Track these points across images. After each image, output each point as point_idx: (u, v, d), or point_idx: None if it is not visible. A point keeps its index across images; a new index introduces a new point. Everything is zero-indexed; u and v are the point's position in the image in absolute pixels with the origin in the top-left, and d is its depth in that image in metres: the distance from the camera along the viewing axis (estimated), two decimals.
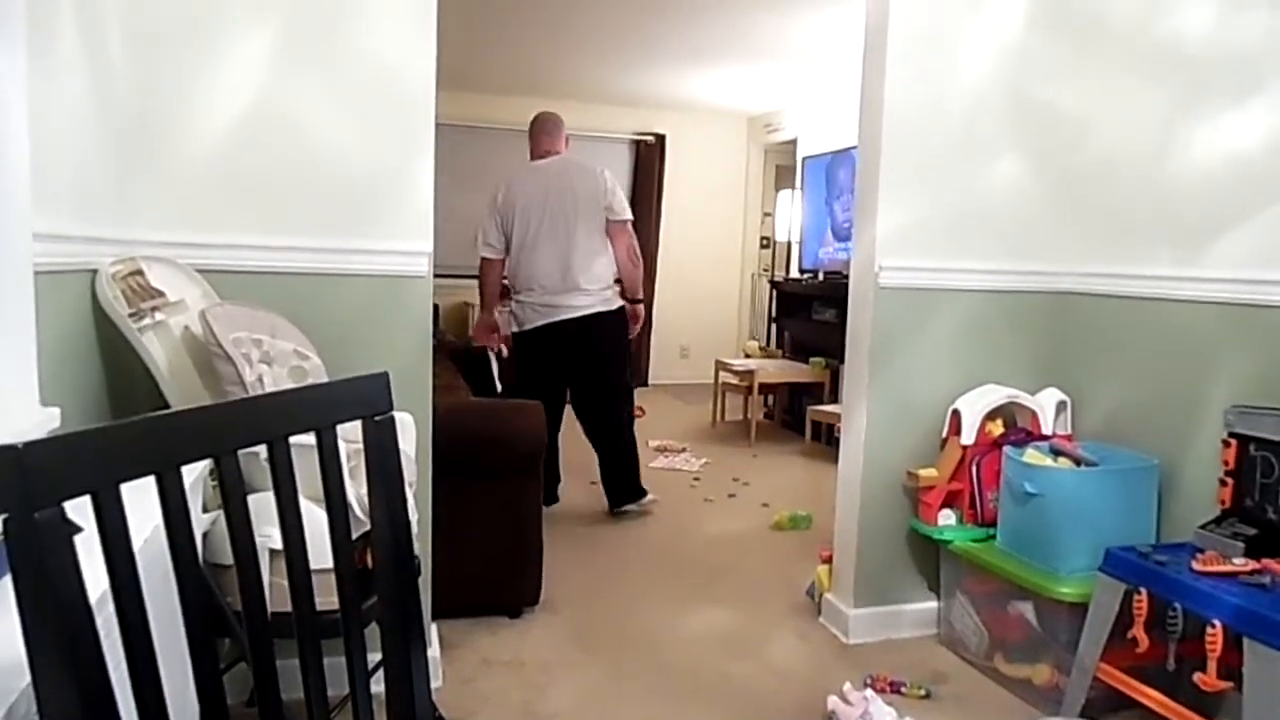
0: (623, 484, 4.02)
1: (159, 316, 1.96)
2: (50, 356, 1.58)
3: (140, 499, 0.82)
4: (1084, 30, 2.72)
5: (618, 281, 3.94)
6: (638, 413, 6.48)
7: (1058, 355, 2.83)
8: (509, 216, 3.80)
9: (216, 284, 2.13)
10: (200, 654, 0.87)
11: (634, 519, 4.01)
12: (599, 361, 3.90)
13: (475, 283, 4.00)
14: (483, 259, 3.90)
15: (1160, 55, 2.50)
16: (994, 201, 2.77)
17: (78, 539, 0.75)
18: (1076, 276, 2.76)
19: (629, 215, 3.91)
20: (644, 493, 4.06)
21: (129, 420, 0.81)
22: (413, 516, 2.01)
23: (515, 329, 3.91)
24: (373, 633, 1.12)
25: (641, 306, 4.09)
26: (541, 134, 3.96)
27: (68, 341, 1.76)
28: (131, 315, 1.85)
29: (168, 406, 1.87)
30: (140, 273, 1.96)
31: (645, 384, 7.69)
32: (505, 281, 3.94)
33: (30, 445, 0.67)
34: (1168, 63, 2.47)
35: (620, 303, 3.92)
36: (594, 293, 3.80)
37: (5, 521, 0.65)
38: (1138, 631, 2.03)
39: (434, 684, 2.36)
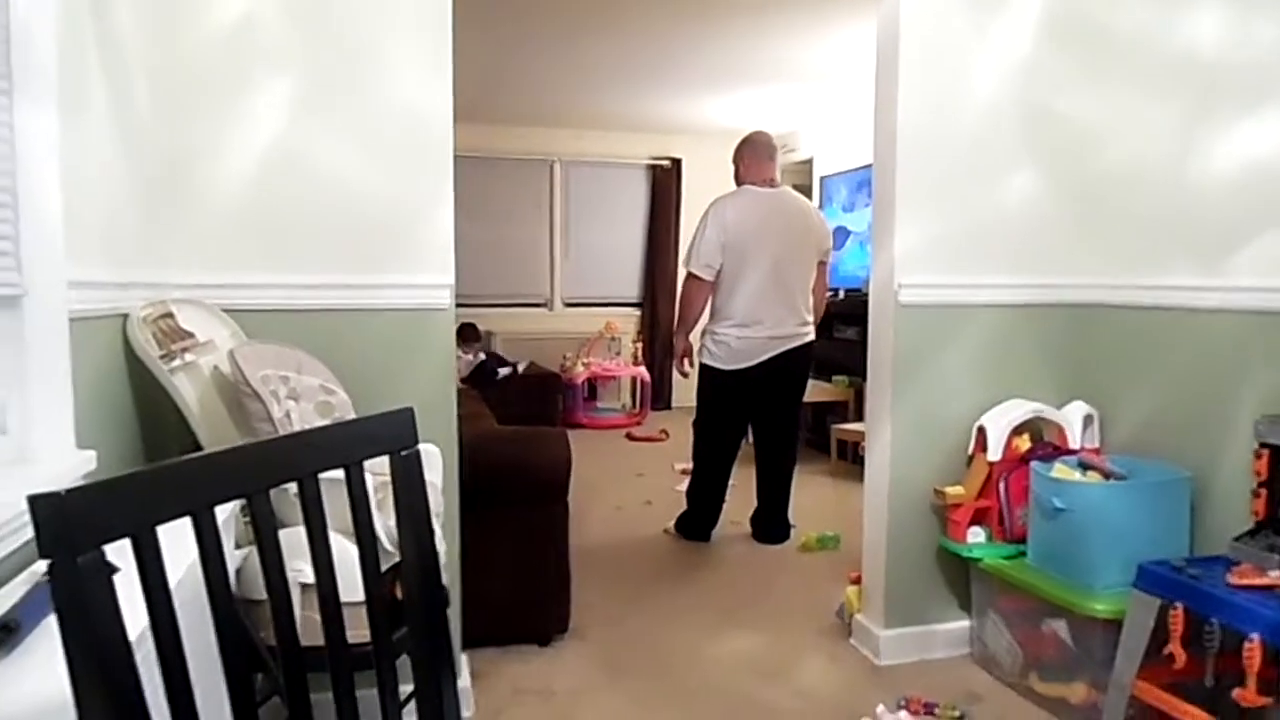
0: (780, 521, 4.01)
1: (189, 357, 2.00)
2: (85, 400, 1.62)
3: (175, 536, 0.84)
4: (1096, 42, 2.72)
5: None
6: (661, 436, 6.52)
7: (1082, 368, 2.81)
8: (736, 241, 3.71)
9: (243, 323, 2.18)
10: (237, 688, 0.88)
11: (660, 544, 4.01)
12: (799, 392, 3.96)
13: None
14: (695, 278, 3.79)
15: (1173, 64, 2.49)
16: (1012, 215, 2.77)
17: (116, 578, 0.78)
18: (1098, 288, 2.75)
19: None
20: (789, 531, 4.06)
21: (164, 464, 0.84)
22: (441, 547, 2.03)
23: (721, 364, 3.81)
24: (403, 663, 1.14)
25: None
26: (765, 158, 3.87)
27: (102, 385, 1.80)
28: (162, 357, 1.89)
29: (199, 445, 1.91)
30: (170, 315, 2.01)
31: (669, 406, 7.70)
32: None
33: (71, 492, 0.69)
34: (1182, 72, 2.47)
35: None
36: (809, 324, 3.88)
37: (50, 565, 0.68)
38: (1174, 647, 2.00)
39: (465, 714, 2.37)
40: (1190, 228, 2.45)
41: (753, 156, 3.89)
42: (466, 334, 6.67)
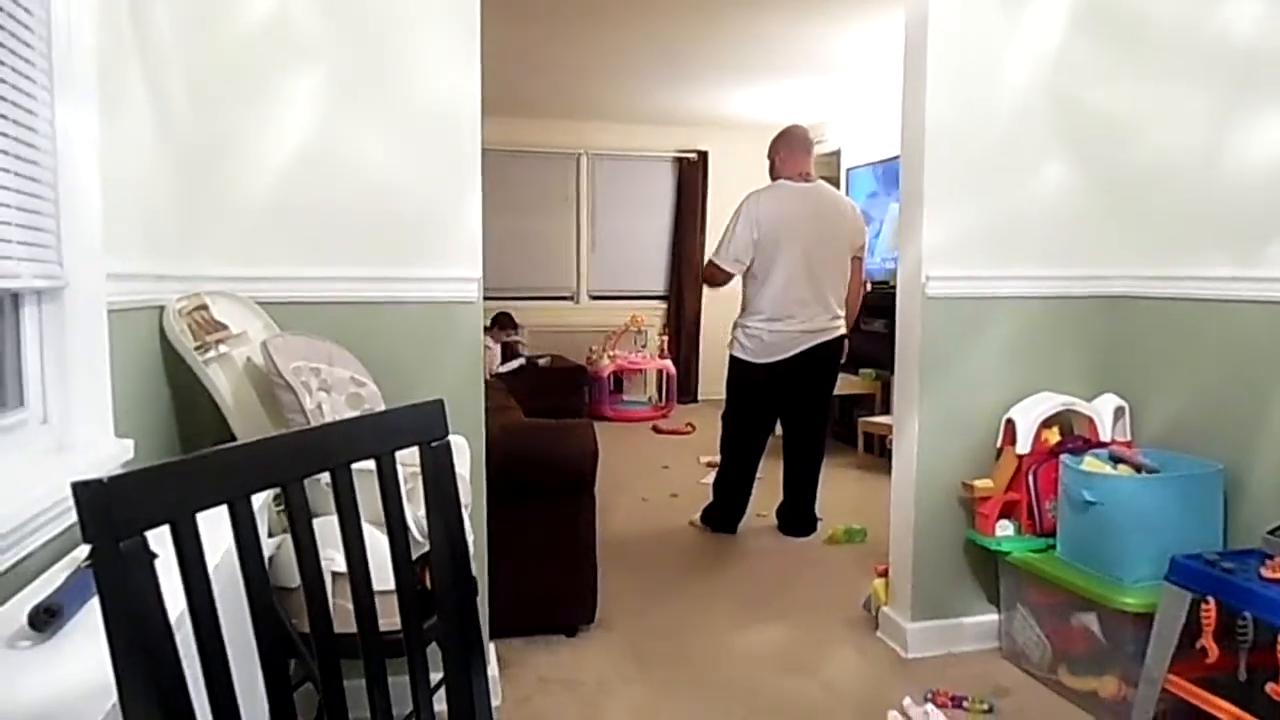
0: (807, 514, 4.03)
1: (223, 349, 2.04)
2: (123, 390, 1.66)
3: (210, 524, 0.86)
4: (1128, 30, 2.68)
5: None
6: (687, 429, 6.53)
7: (1113, 360, 2.78)
8: (769, 235, 3.72)
9: (276, 315, 2.21)
10: (273, 674, 0.91)
11: (686, 536, 4.02)
12: (829, 386, 3.98)
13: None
14: (720, 269, 3.83)
15: (1207, 52, 2.45)
16: (1041, 206, 2.74)
17: (159, 564, 0.80)
18: (1130, 280, 2.72)
19: None
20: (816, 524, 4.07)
21: (202, 453, 0.86)
22: (469, 538, 2.05)
23: (751, 358, 3.82)
24: (433, 652, 1.16)
25: None
26: (801, 152, 3.88)
27: (139, 375, 1.84)
28: (197, 348, 1.93)
29: (233, 435, 1.95)
30: (205, 307, 2.04)
31: (695, 399, 7.70)
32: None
33: (114, 479, 0.71)
34: (1215, 59, 2.43)
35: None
36: (840, 319, 3.88)
37: (92, 550, 0.70)
38: (1206, 641, 1.98)
39: (493, 703, 2.39)
40: (1223, 219, 2.42)
41: (788, 150, 3.89)
42: (502, 321, 6.72)
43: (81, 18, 1.49)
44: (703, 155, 7.79)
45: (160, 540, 0.77)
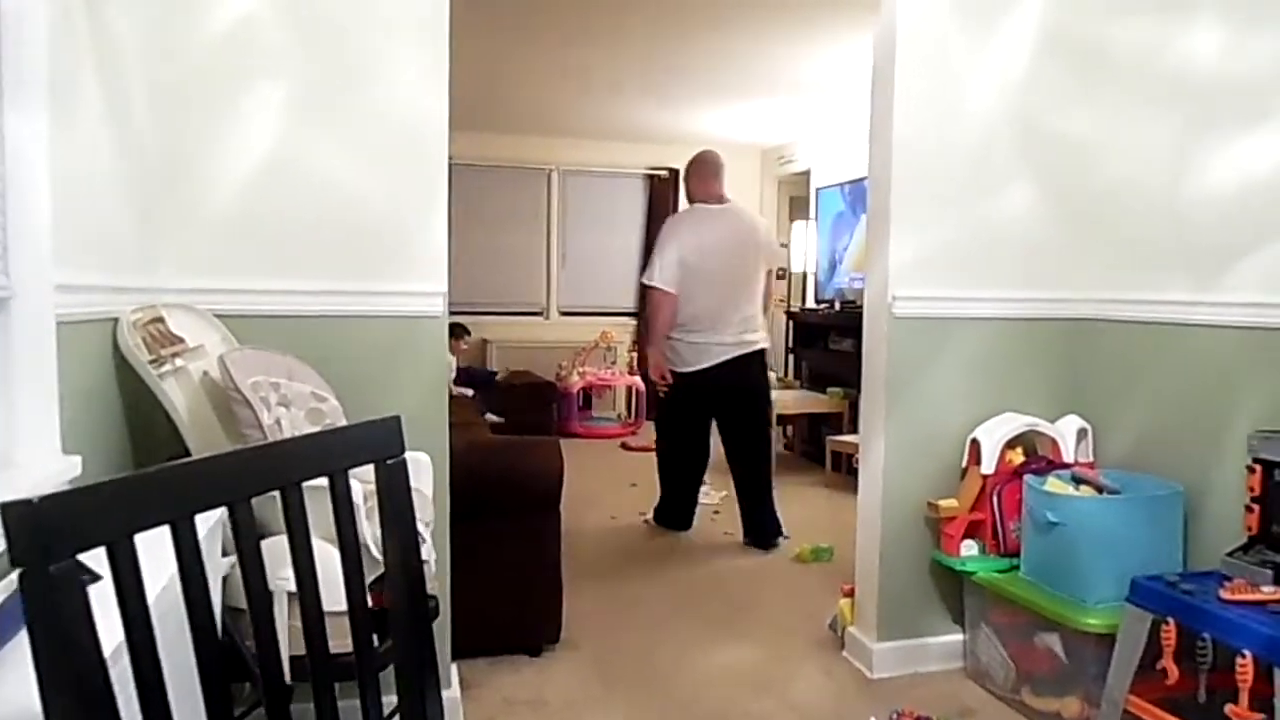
0: (770, 521, 4.13)
1: (179, 363, 1.99)
2: (72, 404, 1.61)
3: (158, 546, 0.83)
4: (1092, 58, 2.73)
5: None
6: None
7: (1077, 382, 2.80)
8: (692, 256, 3.94)
9: (235, 329, 2.16)
10: (214, 701, 0.87)
11: (654, 554, 3.99)
12: (760, 397, 4.15)
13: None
14: (659, 292, 3.99)
15: (1170, 81, 2.50)
16: (1007, 229, 2.77)
17: (100, 588, 0.76)
18: (1093, 303, 2.75)
19: None
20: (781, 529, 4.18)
21: (142, 472, 0.83)
22: (430, 556, 2.02)
23: (676, 367, 4.05)
24: (393, 675, 1.12)
25: None
26: (712, 177, 4.14)
27: (89, 389, 1.79)
28: (152, 362, 1.88)
29: (189, 452, 1.90)
30: (161, 320, 1.99)
31: None
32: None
33: (45, 499, 0.68)
34: (1178, 88, 2.47)
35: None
36: (761, 330, 4.10)
37: (20, 575, 0.66)
38: (1167, 662, 1.99)
39: None
40: (1184, 244, 2.45)
41: (699, 177, 4.17)
42: (456, 331, 6.66)
43: (33, 14, 1.45)
44: (674, 173, 7.79)
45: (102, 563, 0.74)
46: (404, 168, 2.29)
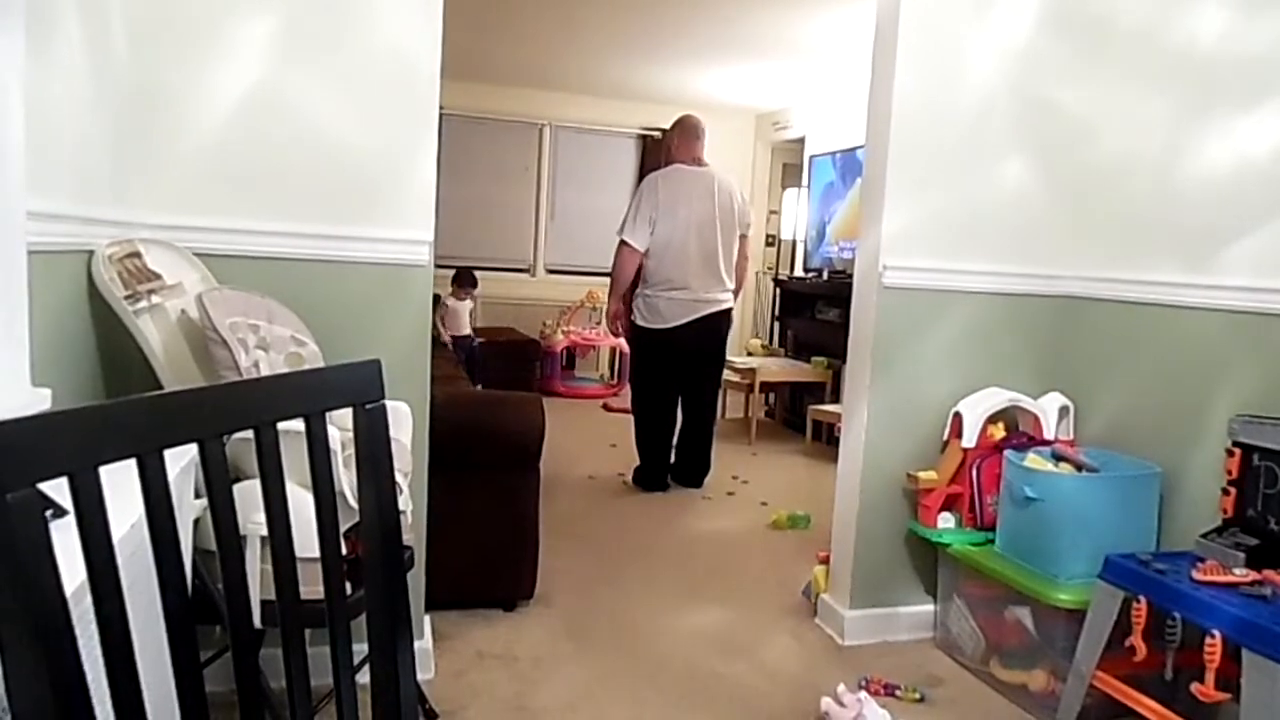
0: (699, 464, 4.43)
1: (155, 300, 1.94)
2: (43, 338, 1.57)
3: (127, 485, 0.80)
4: (1094, 33, 2.69)
5: None
6: None
7: (1062, 359, 2.80)
8: (667, 214, 4.10)
9: (215, 268, 2.12)
10: (179, 642, 0.85)
11: (631, 515, 4.00)
12: (720, 352, 4.42)
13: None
14: (628, 246, 4.13)
15: (1171, 59, 2.47)
16: (1000, 203, 2.75)
17: (67, 524, 0.74)
18: (1082, 281, 2.74)
19: None
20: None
21: (108, 402, 0.79)
22: (407, 507, 2.00)
23: (651, 324, 4.21)
24: (364, 624, 1.10)
25: None
26: (694, 139, 4.28)
27: (62, 323, 1.74)
28: (127, 298, 1.84)
29: (162, 390, 1.86)
30: (138, 255, 1.94)
31: None
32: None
33: (2, 424, 0.65)
34: (1178, 66, 2.45)
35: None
36: (729, 291, 4.29)
37: None
38: (1136, 640, 2.01)
39: (426, 676, 2.35)
40: (1177, 225, 2.44)
41: (682, 138, 4.31)
42: (462, 279, 6.58)
43: None
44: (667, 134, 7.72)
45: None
46: (393, 108, 2.23)
